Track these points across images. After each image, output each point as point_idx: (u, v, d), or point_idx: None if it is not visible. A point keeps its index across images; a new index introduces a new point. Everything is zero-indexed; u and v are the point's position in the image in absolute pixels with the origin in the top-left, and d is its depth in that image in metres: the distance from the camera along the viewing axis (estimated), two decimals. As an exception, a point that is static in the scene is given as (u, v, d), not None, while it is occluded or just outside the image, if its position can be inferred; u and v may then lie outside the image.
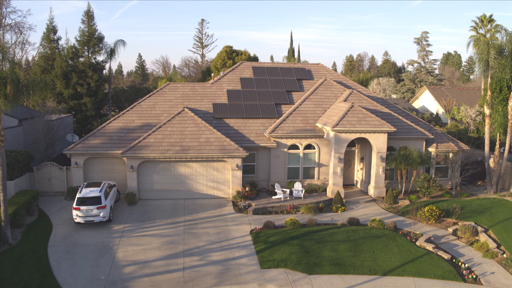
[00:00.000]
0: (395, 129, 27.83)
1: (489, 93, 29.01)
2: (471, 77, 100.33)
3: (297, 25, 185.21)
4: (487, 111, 29.14)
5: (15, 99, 20.12)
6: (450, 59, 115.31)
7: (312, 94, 32.41)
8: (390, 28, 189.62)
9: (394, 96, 77.27)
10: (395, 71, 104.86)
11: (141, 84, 73.77)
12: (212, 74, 39.48)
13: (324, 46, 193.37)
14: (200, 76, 64.17)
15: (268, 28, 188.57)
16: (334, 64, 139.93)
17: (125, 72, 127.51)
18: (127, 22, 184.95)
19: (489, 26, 32.97)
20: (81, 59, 45.83)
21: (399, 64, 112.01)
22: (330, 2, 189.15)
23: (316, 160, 29.78)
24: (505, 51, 27.42)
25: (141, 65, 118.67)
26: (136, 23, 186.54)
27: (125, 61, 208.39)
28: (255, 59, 60.03)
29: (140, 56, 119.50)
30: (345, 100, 30.69)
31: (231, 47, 56.92)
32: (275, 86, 33.84)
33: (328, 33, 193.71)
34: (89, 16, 45.79)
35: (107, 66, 48.88)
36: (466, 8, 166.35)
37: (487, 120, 29.27)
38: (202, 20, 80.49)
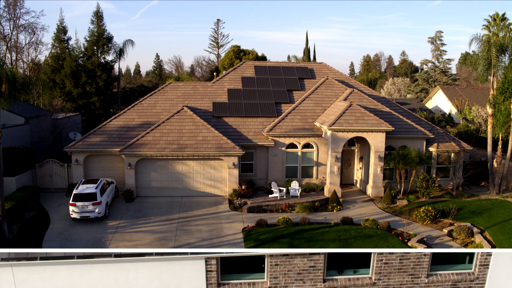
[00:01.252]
0: (393, 128, 27.48)
1: (491, 92, 28.41)
2: (489, 77, 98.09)
3: (316, 25, 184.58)
4: (489, 110, 28.52)
5: (12, 98, 20.69)
6: (468, 59, 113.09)
7: (312, 93, 32.28)
8: (409, 28, 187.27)
9: (409, 96, 76.20)
10: (412, 71, 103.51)
11: (158, 83, 74.61)
12: (214, 74, 39.70)
13: (343, 46, 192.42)
14: (209, 76, 64.63)
15: (286, 29, 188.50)
16: (352, 64, 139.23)
17: (143, 72, 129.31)
18: (147, 22, 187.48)
19: (502, 25, 32.02)
20: (91, 59, 46.72)
21: (416, 64, 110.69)
22: (350, 2, 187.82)
23: (315, 159, 29.66)
24: (508, 49, 26.78)
25: (158, 64, 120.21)
26: (156, 23, 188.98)
27: (143, 61, 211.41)
28: (263, 58, 59.99)
29: (157, 56, 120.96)
30: (345, 99, 30.48)
31: (239, 46, 57.07)
32: (276, 85, 33.81)
33: (347, 33, 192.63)
34: (98, 16, 46.67)
35: (116, 66, 49.78)
36: (487, 8, 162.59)
37: (489, 120, 28.63)
38: (218, 20, 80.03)
